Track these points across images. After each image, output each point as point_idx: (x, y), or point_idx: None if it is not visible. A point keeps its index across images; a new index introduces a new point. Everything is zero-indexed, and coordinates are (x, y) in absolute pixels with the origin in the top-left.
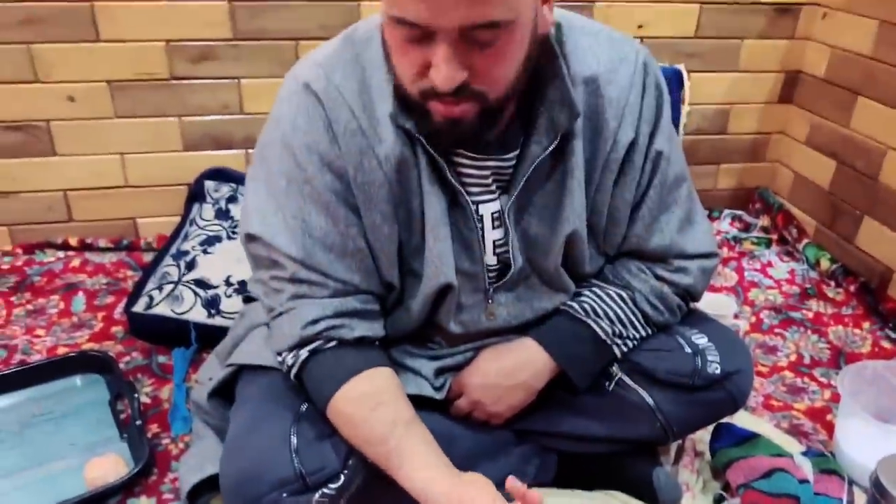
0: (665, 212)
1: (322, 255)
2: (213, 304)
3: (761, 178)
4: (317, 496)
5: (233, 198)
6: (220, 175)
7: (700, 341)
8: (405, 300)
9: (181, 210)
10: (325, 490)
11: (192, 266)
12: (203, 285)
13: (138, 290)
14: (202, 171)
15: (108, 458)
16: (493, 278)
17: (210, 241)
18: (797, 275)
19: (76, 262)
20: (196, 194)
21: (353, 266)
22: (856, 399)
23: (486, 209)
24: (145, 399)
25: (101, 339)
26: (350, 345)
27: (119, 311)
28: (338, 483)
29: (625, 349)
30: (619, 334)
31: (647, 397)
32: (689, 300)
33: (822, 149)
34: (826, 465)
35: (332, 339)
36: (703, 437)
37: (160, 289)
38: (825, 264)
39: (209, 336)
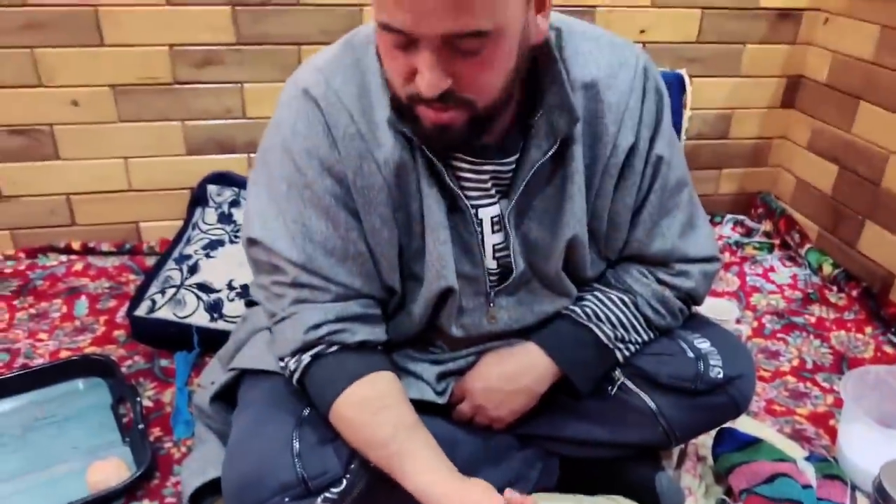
0: (666, 216)
1: (323, 259)
2: (215, 308)
3: (763, 183)
4: (319, 500)
5: (235, 202)
6: (223, 179)
7: (702, 346)
8: (407, 304)
9: (184, 214)
10: (328, 494)
11: (194, 270)
12: (205, 289)
13: (141, 294)
14: (205, 175)
15: (111, 461)
16: (495, 282)
17: (213, 245)
18: (799, 280)
19: (79, 265)
20: (199, 198)
21: (354, 270)
22: (858, 404)
23: (485, 213)
24: (147, 403)
25: (104, 343)
26: (352, 349)
27: (121, 315)
28: (340, 487)
29: (627, 353)
30: (622, 338)
31: (650, 402)
32: (691, 304)
33: (824, 154)
34: (829, 471)
35: (335, 344)
36: (705, 441)
37: (163, 293)
38: (827, 269)
39: (211, 340)
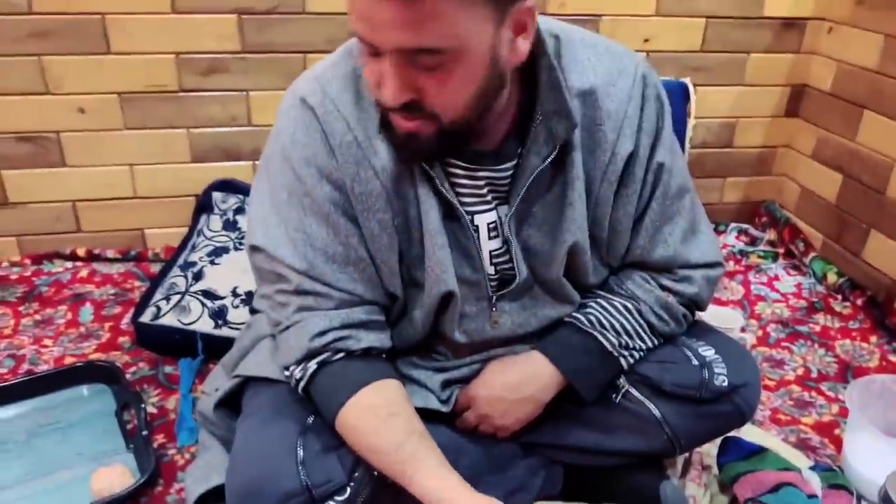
0: (668, 223)
1: (325, 265)
2: (219, 315)
3: (767, 192)
4: None
5: (240, 209)
6: (228, 186)
7: (707, 354)
8: (409, 311)
9: (189, 221)
10: (331, 503)
11: (199, 277)
12: (210, 296)
13: (146, 301)
14: (210, 182)
15: (115, 468)
16: (496, 287)
17: (217, 251)
18: (804, 288)
19: (84, 272)
20: (204, 205)
21: (356, 276)
22: (864, 413)
23: (481, 220)
24: (152, 409)
25: (108, 350)
26: (358, 356)
27: (126, 322)
28: (344, 496)
29: (631, 361)
30: (626, 346)
31: (655, 410)
32: (695, 310)
33: (828, 162)
34: (834, 480)
35: (340, 351)
36: (710, 450)
37: (167, 299)
38: (832, 278)
39: (216, 347)
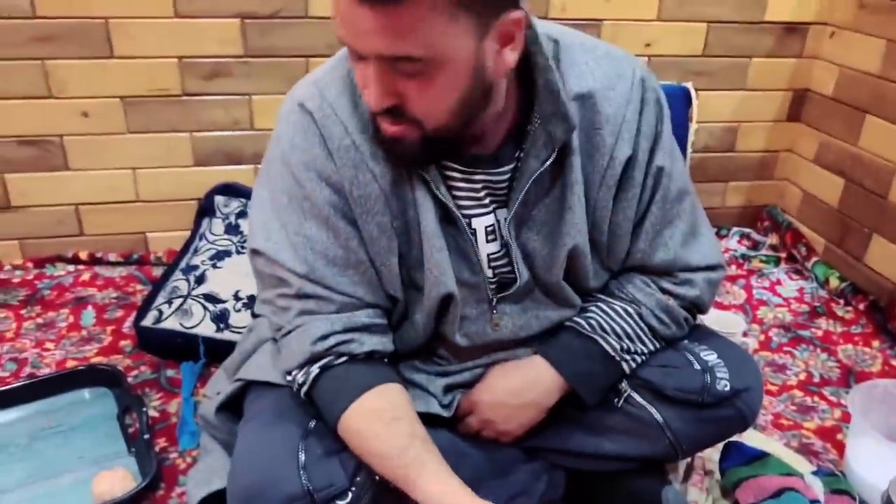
0: (668, 226)
1: (325, 268)
2: (221, 319)
3: (770, 196)
4: None
5: (242, 213)
6: (230, 190)
7: (709, 358)
8: (410, 314)
9: (191, 225)
10: None
11: (201, 280)
12: (212, 300)
13: (147, 304)
14: (212, 186)
15: (116, 471)
16: (495, 290)
17: (219, 255)
18: (806, 293)
19: (86, 275)
20: (206, 209)
21: (356, 279)
22: (866, 418)
23: (478, 223)
24: (153, 413)
25: (110, 353)
26: (360, 360)
27: (128, 325)
28: (345, 500)
29: (633, 365)
30: (627, 349)
31: (656, 414)
32: (696, 313)
33: (830, 167)
34: (837, 485)
35: (343, 355)
36: (712, 455)
37: (169, 303)
38: (834, 282)
39: (218, 350)
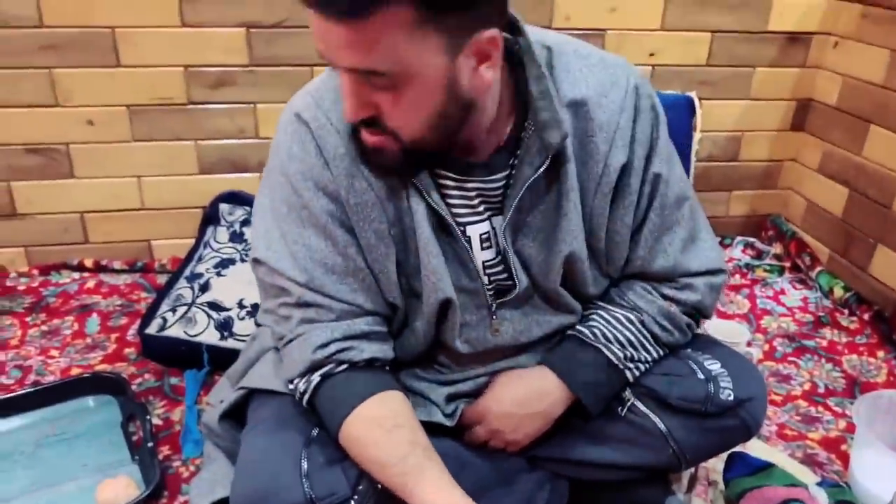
0: (667, 233)
1: (324, 277)
2: (225, 327)
3: (774, 206)
4: None
5: (247, 221)
6: (235, 198)
7: (713, 367)
8: (410, 321)
9: (196, 233)
10: None
11: (205, 288)
12: (216, 308)
13: (152, 312)
14: (217, 194)
15: (120, 479)
16: (494, 295)
17: (224, 263)
18: (810, 303)
19: (91, 283)
20: (211, 217)
21: (356, 287)
22: (871, 429)
23: (473, 230)
24: (157, 421)
25: (115, 361)
26: (361, 368)
27: (132, 333)
28: None
29: (637, 373)
30: (631, 358)
31: (660, 423)
32: (699, 318)
33: (834, 176)
34: (841, 497)
35: (343, 363)
36: (716, 465)
37: (174, 311)
38: (839, 292)
39: (221, 358)
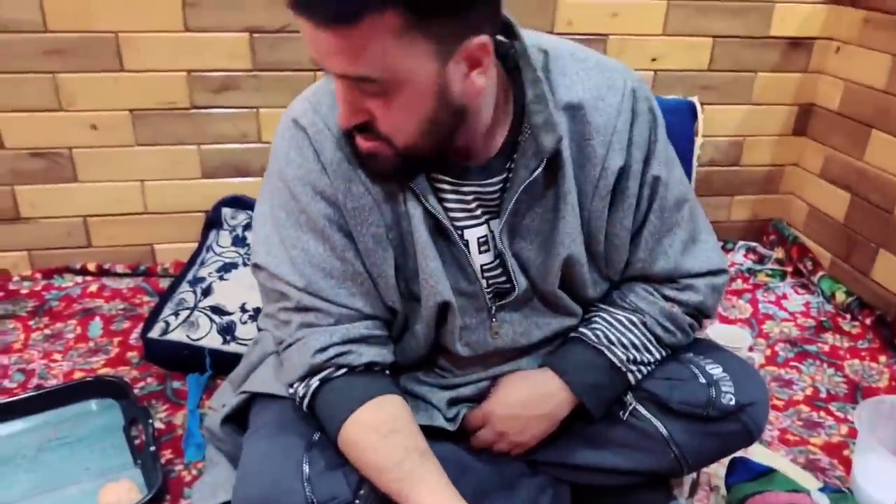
0: (667, 235)
1: (323, 281)
2: (228, 331)
3: (775, 210)
4: None
5: (249, 225)
6: (238, 202)
7: (714, 371)
8: (411, 325)
9: (198, 237)
10: None
11: (208, 292)
12: (219, 312)
13: (154, 316)
14: (220, 198)
15: (122, 483)
16: (493, 298)
17: (226, 267)
18: (812, 307)
19: (94, 287)
20: (213, 221)
21: (354, 291)
22: (873, 434)
23: (471, 234)
24: (159, 425)
25: (117, 365)
26: (360, 372)
27: (135, 337)
28: None
29: (639, 376)
30: (634, 360)
31: (661, 427)
32: (701, 319)
33: (836, 181)
34: (844, 502)
35: (342, 367)
36: (717, 471)
37: (176, 315)
38: (840, 297)
39: (224, 362)
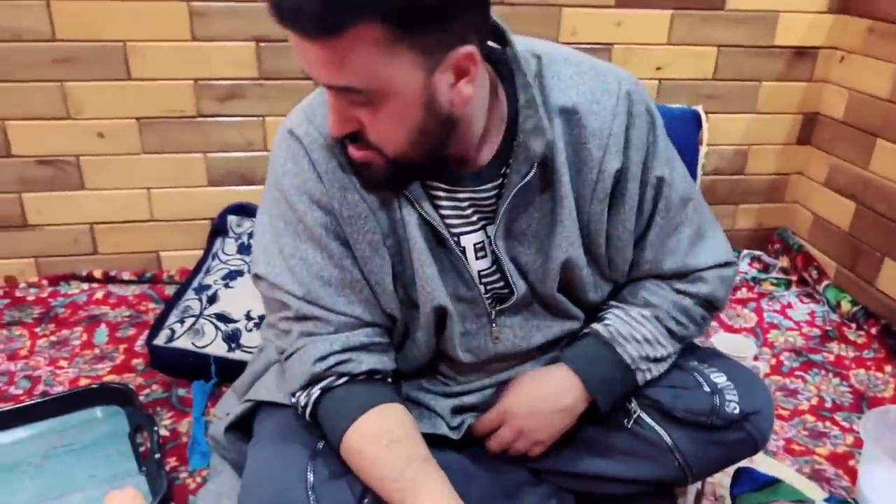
0: (673, 234)
1: (321, 289)
2: (233, 339)
3: (780, 219)
4: None
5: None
6: (243, 210)
7: (718, 380)
8: (411, 332)
9: (204, 244)
10: None
11: (213, 300)
12: (224, 319)
13: (160, 323)
14: (226, 206)
15: (127, 491)
16: (492, 303)
17: (232, 275)
18: (817, 317)
19: (100, 294)
20: (219, 229)
21: (353, 298)
22: (879, 444)
23: (467, 240)
24: (164, 432)
25: (123, 372)
26: (360, 380)
27: (140, 344)
28: None
29: (648, 376)
30: (647, 356)
31: (665, 436)
32: (713, 311)
33: (841, 190)
34: None
35: (343, 375)
36: (722, 480)
37: (182, 322)
38: (846, 306)
39: (229, 370)
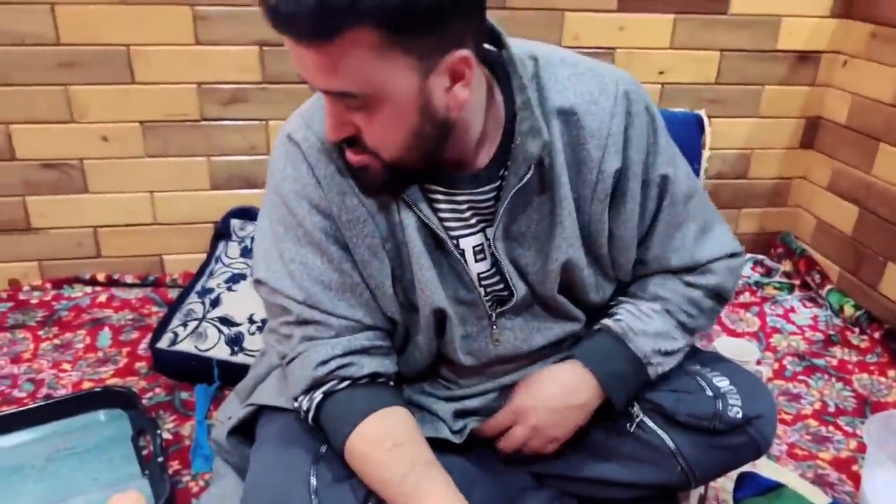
0: (679, 230)
1: (322, 293)
2: (236, 342)
3: (783, 223)
4: None
5: None
6: (246, 214)
7: (721, 384)
8: (412, 336)
9: (207, 248)
10: None
11: (216, 303)
12: (227, 322)
13: (163, 327)
14: (229, 209)
15: (130, 494)
16: (493, 305)
17: (235, 278)
18: (820, 321)
19: (103, 297)
20: (222, 232)
21: (353, 302)
22: (882, 449)
23: (466, 243)
24: (167, 435)
25: (126, 375)
26: (363, 384)
27: (143, 347)
28: None
29: (660, 370)
30: (659, 350)
31: (668, 440)
32: (722, 301)
33: (844, 195)
34: None
35: (345, 379)
36: (725, 485)
37: (185, 325)
38: (849, 311)
39: (232, 373)
